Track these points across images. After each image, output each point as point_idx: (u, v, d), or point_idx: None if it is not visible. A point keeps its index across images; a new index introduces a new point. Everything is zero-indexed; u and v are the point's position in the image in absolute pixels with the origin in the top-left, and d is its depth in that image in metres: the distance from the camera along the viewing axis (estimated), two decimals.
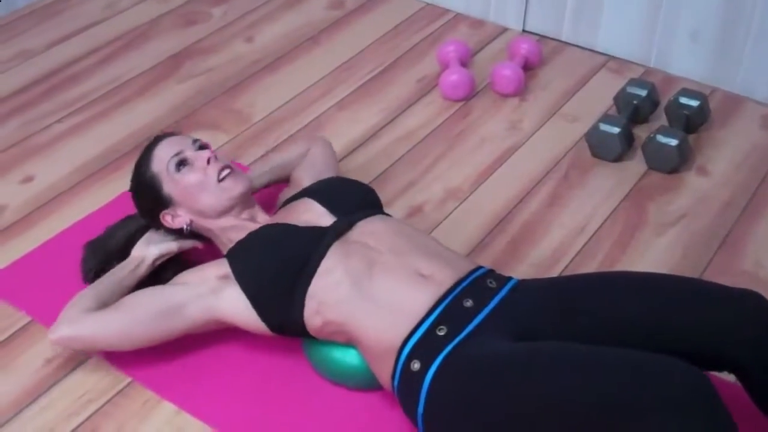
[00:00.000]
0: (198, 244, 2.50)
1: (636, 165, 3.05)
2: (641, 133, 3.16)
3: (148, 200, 2.44)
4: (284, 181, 2.75)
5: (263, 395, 2.31)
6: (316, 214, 2.37)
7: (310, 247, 2.25)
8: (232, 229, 2.41)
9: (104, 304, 2.30)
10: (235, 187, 2.39)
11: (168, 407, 2.29)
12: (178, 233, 2.46)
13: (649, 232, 2.81)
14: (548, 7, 3.66)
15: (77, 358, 2.40)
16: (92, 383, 2.35)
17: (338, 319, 2.19)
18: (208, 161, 2.39)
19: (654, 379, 1.80)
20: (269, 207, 2.64)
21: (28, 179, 2.99)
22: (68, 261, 2.53)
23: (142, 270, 2.42)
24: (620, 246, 2.76)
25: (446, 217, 2.86)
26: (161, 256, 2.45)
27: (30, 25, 3.75)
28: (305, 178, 2.67)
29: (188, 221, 2.42)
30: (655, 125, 3.17)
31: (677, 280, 2.16)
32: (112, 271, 2.41)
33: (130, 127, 3.19)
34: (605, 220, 2.85)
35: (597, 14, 3.56)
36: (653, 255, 2.73)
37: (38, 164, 3.05)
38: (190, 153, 2.41)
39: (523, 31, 3.75)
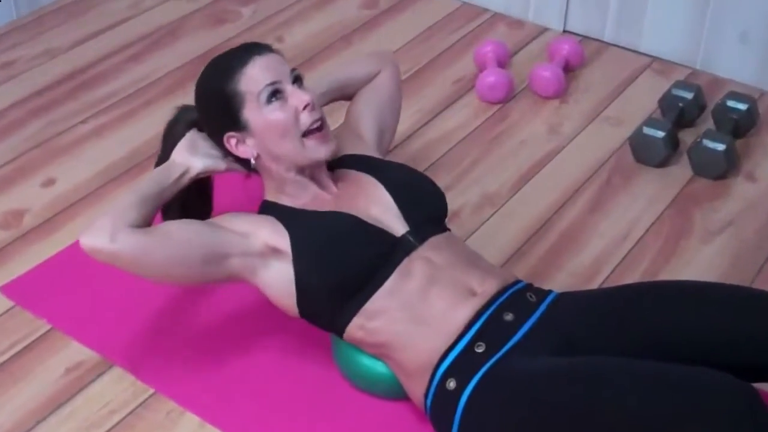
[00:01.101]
0: (244, 171, 2.39)
1: (681, 170, 3.02)
2: (687, 137, 3.13)
3: (220, 115, 2.28)
4: (345, 99, 2.66)
5: (290, 406, 2.30)
6: (386, 211, 2.27)
7: (378, 261, 2.18)
8: (292, 183, 2.31)
9: (145, 218, 2.20)
10: (317, 151, 2.26)
11: (192, 419, 2.28)
12: (237, 159, 2.35)
13: (695, 241, 2.78)
14: (590, 6, 3.64)
15: (99, 368, 2.39)
16: (114, 394, 2.34)
17: (381, 339, 2.16)
18: (305, 107, 2.26)
19: (699, 393, 1.78)
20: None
21: (50, 182, 2.99)
22: (90, 267, 2.49)
23: (185, 181, 2.33)
24: (664, 255, 2.73)
25: (483, 224, 2.84)
26: (206, 171, 2.36)
27: (55, 24, 3.76)
28: (365, 112, 2.59)
29: (255, 154, 2.29)
30: (702, 129, 3.13)
31: (722, 288, 2.13)
32: (153, 175, 2.31)
33: (157, 129, 3.13)
34: (649, 228, 2.82)
35: (641, 14, 3.53)
36: (699, 264, 2.70)
37: (60, 166, 3.05)
38: (288, 87, 2.25)
39: (564, 31, 3.73)
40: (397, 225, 2.26)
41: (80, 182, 2.98)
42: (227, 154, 2.34)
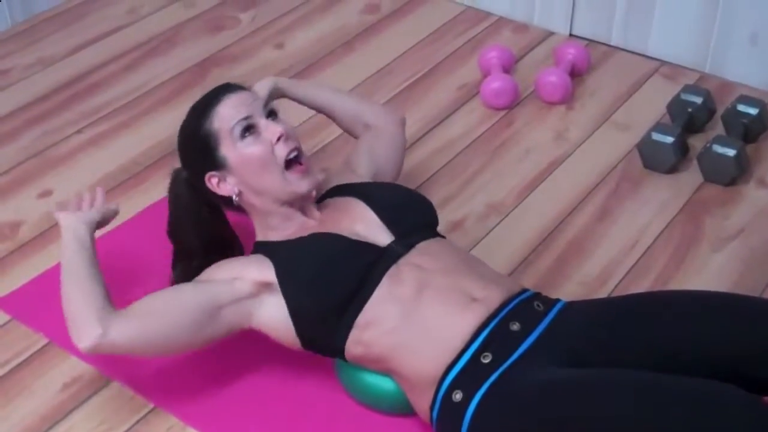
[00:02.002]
0: (111, 216, 2.44)
1: (691, 177, 3.02)
2: (696, 142, 3.13)
3: (197, 157, 2.34)
4: (330, 118, 2.73)
5: (296, 421, 2.30)
6: (370, 226, 2.30)
7: (365, 272, 2.19)
8: (278, 216, 2.34)
9: (103, 291, 2.20)
10: (299, 185, 2.30)
11: None
12: (221, 199, 2.37)
13: (706, 248, 2.78)
14: (597, 9, 3.64)
15: (97, 383, 2.40)
16: (112, 410, 2.34)
17: (381, 351, 2.16)
18: (279, 138, 2.29)
19: (710, 407, 1.79)
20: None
21: (47, 193, 2.99)
22: None
23: (92, 233, 2.33)
24: (675, 263, 2.72)
25: (488, 233, 2.84)
26: (103, 217, 2.40)
27: (49, 31, 3.77)
28: (362, 164, 2.61)
29: (236, 191, 2.32)
30: (712, 134, 3.14)
31: (733, 298, 2.13)
32: (71, 250, 2.27)
33: (155, 139, 3.19)
34: (658, 236, 2.82)
35: (648, 17, 3.53)
36: (710, 272, 2.69)
37: (57, 177, 3.06)
38: (260, 120, 2.31)
39: (570, 35, 3.73)
40: (382, 237, 2.28)
41: (77, 193, 2.97)
42: (210, 193, 2.36)
